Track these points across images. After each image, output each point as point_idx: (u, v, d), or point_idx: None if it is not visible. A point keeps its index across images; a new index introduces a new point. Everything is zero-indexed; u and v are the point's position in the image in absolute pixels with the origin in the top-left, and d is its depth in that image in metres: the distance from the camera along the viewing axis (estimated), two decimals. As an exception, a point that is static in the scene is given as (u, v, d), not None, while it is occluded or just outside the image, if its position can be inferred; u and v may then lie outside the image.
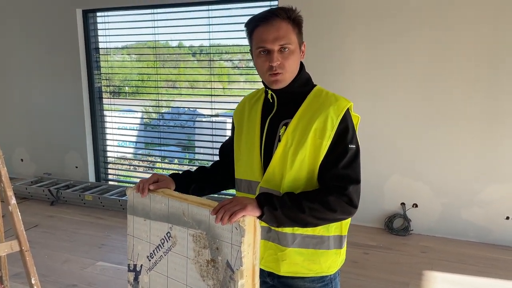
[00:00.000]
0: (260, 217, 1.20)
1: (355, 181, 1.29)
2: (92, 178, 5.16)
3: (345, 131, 1.30)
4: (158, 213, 1.34)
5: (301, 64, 1.39)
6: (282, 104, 1.38)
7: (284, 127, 1.34)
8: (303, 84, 1.38)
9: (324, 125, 1.29)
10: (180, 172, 1.52)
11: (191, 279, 1.26)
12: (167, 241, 1.31)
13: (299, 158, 1.30)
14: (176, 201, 1.28)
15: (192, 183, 1.49)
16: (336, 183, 1.28)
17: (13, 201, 2.00)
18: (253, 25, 1.31)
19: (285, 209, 1.22)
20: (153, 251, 1.36)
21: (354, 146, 1.31)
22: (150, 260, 1.38)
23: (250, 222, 1.15)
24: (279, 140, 1.34)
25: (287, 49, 1.29)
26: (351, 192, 1.27)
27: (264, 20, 1.29)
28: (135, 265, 1.44)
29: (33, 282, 2.03)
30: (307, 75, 1.41)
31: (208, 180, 1.54)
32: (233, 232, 1.14)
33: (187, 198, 1.28)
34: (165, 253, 1.33)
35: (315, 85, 1.41)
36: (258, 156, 1.38)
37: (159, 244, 1.34)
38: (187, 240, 1.25)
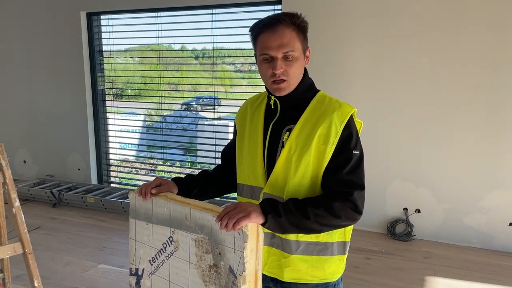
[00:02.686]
0: (263, 224, 1.19)
1: (359, 187, 1.28)
2: (94, 180, 5.16)
3: (349, 137, 1.29)
4: (160, 217, 1.34)
5: (304, 70, 1.39)
6: (285, 109, 1.37)
7: (287, 132, 1.34)
8: (306, 90, 1.37)
9: (328, 131, 1.28)
10: (183, 176, 1.52)
11: (193, 284, 1.26)
12: (169, 246, 1.31)
13: (303, 164, 1.29)
14: (178, 205, 1.28)
15: (194, 187, 1.49)
16: (340, 189, 1.27)
17: (16, 203, 2.00)
18: (257, 31, 1.31)
19: (289, 216, 1.21)
20: (155, 255, 1.36)
21: (358, 152, 1.30)
22: (152, 264, 1.38)
23: (253, 228, 1.15)
24: (283, 146, 1.33)
25: (290, 56, 1.28)
26: (355, 198, 1.26)
27: (268, 27, 1.28)
28: (137, 269, 1.43)
29: (36, 284, 2.03)
30: (310, 80, 1.40)
31: (211, 183, 1.54)
32: (235, 238, 1.14)
33: (189, 202, 1.28)
34: (167, 258, 1.33)
35: (318, 90, 1.41)
36: (261, 162, 1.38)
37: (161, 249, 1.34)
38: (190, 245, 1.25)
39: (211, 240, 1.20)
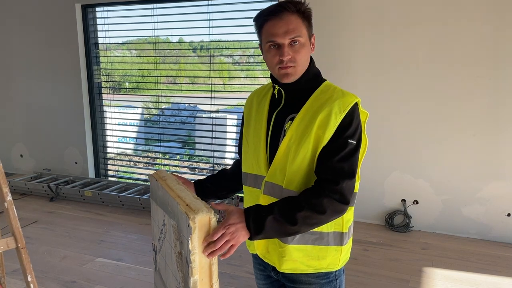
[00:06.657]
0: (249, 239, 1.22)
1: (348, 176, 1.25)
2: (91, 174, 5.15)
3: (348, 125, 1.26)
4: (159, 200, 1.36)
5: (311, 60, 1.38)
6: (289, 98, 1.36)
7: (290, 121, 1.33)
8: (311, 80, 1.36)
9: (328, 119, 1.26)
10: (201, 178, 1.58)
11: (174, 268, 1.26)
12: (164, 228, 1.34)
13: (302, 152, 1.28)
14: (165, 190, 1.28)
15: (210, 191, 1.56)
16: (328, 177, 1.25)
17: (8, 197, 1.97)
18: (263, 20, 1.30)
19: (274, 231, 1.23)
20: (160, 235, 1.40)
21: (354, 142, 1.27)
22: (159, 243, 1.42)
23: (202, 221, 1.10)
24: (284, 135, 1.33)
25: (297, 42, 1.27)
26: (343, 188, 1.24)
27: (273, 14, 1.27)
28: (154, 246, 1.49)
29: (29, 279, 2.01)
30: (316, 70, 1.39)
31: (227, 183, 1.59)
32: (187, 229, 1.11)
33: (172, 188, 1.27)
34: (164, 238, 1.35)
35: (324, 80, 1.39)
36: (264, 151, 1.38)
37: (161, 229, 1.37)
38: (172, 230, 1.25)
39: (178, 228, 1.19)
